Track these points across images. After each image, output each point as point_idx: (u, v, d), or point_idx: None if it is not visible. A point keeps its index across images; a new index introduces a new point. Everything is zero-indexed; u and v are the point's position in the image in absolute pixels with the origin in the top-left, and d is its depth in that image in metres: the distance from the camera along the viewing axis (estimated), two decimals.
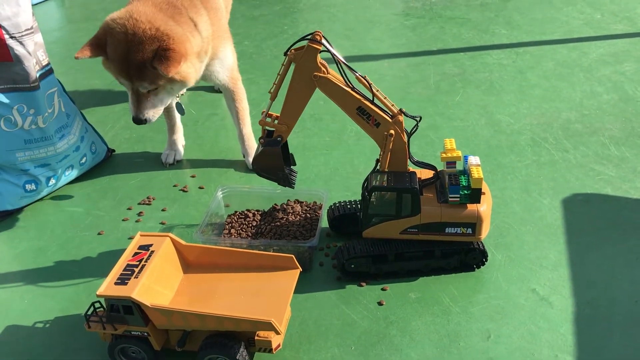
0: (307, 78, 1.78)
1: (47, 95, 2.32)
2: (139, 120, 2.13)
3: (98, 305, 1.68)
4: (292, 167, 2.01)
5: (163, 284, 1.68)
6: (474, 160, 1.83)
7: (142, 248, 1.72)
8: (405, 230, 1.86)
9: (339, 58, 1.79)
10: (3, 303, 1.95)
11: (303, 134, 2.79)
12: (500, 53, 3.51)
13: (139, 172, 2.61)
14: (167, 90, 2.13)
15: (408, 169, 1.89)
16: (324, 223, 2.15)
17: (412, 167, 1.91)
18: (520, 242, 2.06)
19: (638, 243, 2.03)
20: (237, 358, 1.55)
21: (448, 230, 1.84)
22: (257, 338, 1.59)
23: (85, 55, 2.05)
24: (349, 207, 2.09)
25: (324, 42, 1.75)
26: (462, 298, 1.85)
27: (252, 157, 2.26)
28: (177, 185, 2.49)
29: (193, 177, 2.55)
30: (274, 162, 1.92)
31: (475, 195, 1.80)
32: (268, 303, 1.63)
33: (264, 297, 1.66)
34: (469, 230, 1.84)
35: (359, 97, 1.80)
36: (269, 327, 1.52)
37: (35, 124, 2.28)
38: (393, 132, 1.81)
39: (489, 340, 1.71)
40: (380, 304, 1.84)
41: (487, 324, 1.76)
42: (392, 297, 1.87)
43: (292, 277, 1.71)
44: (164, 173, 2.59)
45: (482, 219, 1.82)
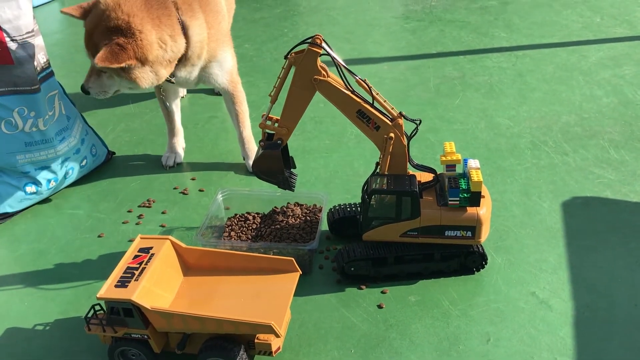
0: (307, 81, 1.79)
1: (47, 98, 2.32)
2: (84, 90, 2.25)
3: (98, 308, 1.69)
4: (292, 170, 2.01)
5: (163, 287, 1.69)
6: (474, 164, 1.83)
7: (142, 251, 1.72)
8: (405, 233, 1.86)
9: (339, 61, 1.79)
10: (3, 305, 1.95)
11: (303, 137, 2.80)
12: (500, 56, 3.51)
13: (139, 174, 2.61)
14: (114, 79, 2.18)
15: (408, 172, 1.89)
16: (324, 226, 2.15)
17: (412, 170, 1.91)
18: (520, 245, 2.07)
19: (637, 246, 2.03)
20: None
21: (448, 233, 1.85)
22: (257, 341, 1.60)
23: (70, 12, 2.15)
24: (349, 210, 2.09)
25: (325, 45, 1.75)
26: (461, 301, 1.85)
27: (252, 159, 2.26)
28: (177, 188, 2.50)
29: (193, 179, 2.56)
30: (274, 165, 1.93)
31: (475, 199, 1.80)
32: (268, 306, 1.63)
33: (264, 300, 1.66)
34: (469, 234, 1.84)
35: (359, 100, 1.80)
36: (269, 330, 1.52)
37: (36, 127, 2.29)
38: (393, 135, 1.81)
39: (489, 344, 1.71)
40: (380, 307, 1.84)
41: (486, 327, 1.76)
42: (391, 300, 1.87)
43: (292, 279, 1.71)
44: (164, 176, 2.60)
45: (481, 222, 1.82)
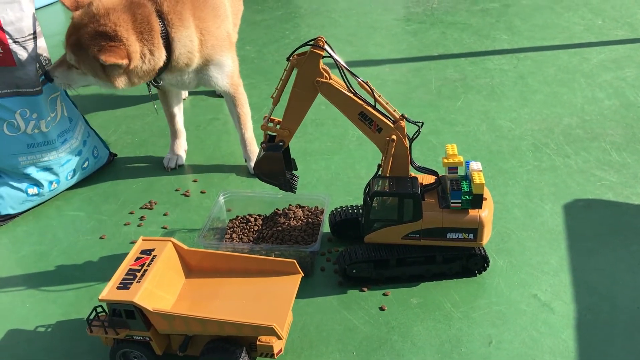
0: (309, 83, 1.79)
1: (49, 100, 2.33)
2: (47, 76, 2.27)
3: (100, 310, 1.69)
4: (293, 171, 2.01)
5: (165, 289, 1.69)
6: (476, 166, 1.83)
7: (144, 252, 1.72)
8: (407, 236, 1.86)
9: (341, 63, 1.79)
10: (5, 307, 1.95)
11: (305, 139, 2.80)
12: (502, 58, 3.51)
13: (141, 176, 2.61)
14: (82, 76, 2.21)
15: (410, 174, 1.89)
16: (326, 228, 2.15)
17: (413, 172, 1.91)
18: (522, 247, 2.06)
19: (639, 249, 2.03)
20: None
21: (450, 236, 1.85)
22: (258, 343, 1.60)
23: (64, 2, 2.18)
24: (351, 212, 2.09)
25: (327, 47, 1.76)
26: (463, 303, 1.85)
27: (253, 161, 2.25)
28: (179, 190, 2.50)
29: (195, 181, 2.56)
30: (276, 166, 1.93)
31: (477, 201, 1.80)
32: (270, 308, 1.63)
33: (266, 302, 1.66)
34: (471, 236, 1.84)
35: (361, 102, 1.80)
36: (271, 332, 1.52)
37: (38, 128, 2.29)
38: (395, 137, 1.81)
39: (491, 346, 1.71)
40: (382, 309, 1.84)
41: (488, 330, 1.76)
42: (393, 302, 1.87)
43: (293, 282, 1.71)
44: (166, 177, 2.60)
45: (483, 225, 1.82)
